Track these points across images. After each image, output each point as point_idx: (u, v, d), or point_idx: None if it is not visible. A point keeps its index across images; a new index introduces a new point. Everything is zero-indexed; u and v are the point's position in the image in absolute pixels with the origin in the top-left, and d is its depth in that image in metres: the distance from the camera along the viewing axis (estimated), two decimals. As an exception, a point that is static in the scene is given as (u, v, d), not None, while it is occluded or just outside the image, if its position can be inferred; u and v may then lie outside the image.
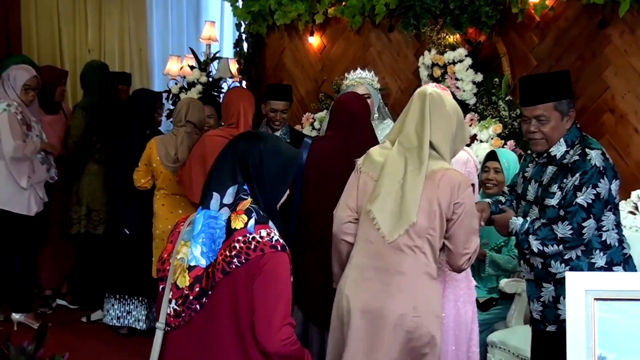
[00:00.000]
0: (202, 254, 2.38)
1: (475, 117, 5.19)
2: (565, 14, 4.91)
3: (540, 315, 3.28)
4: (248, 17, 7.21)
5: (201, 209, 2.44)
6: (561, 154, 3.17)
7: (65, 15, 8.58)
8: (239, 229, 2.37)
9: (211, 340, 2.39)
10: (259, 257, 2.34)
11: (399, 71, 6.08)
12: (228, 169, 2.48)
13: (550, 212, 3.14)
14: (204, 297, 2.36)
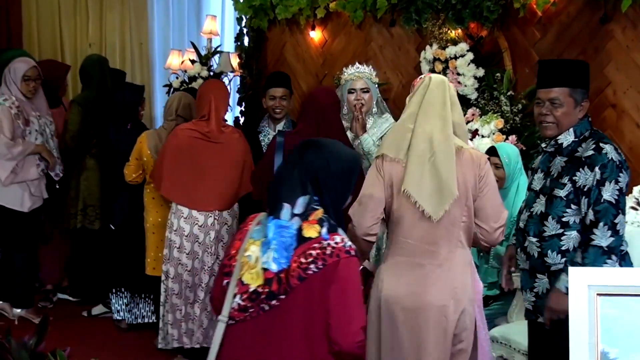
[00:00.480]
0: (273, 260, 2.48)
1: (477, 112, 5.18)
2: (567, 9, 4.90)
3: (533, 306, 3.29)
4: (249, 11, 7.19)
5: (272, 219, 2.53)
6: (568, 143, 3.16)
7: (66, 9, 8.58)
8: (313, 238, 2.47)
9: (277, 338, 2.49)
10: (335, 262, 2.44)
11: (400, 66, 6.07)
12: (297, 180, 2.55)
13: (557, 203, 3.13)
14: (274, 299, 2.46)
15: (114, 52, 8.79)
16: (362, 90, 4.61)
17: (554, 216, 3.15)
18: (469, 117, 5.18)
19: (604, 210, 3.00)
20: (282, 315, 2.47)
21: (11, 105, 5.40)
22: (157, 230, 5.22)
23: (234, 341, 2.54)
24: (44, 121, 5.66)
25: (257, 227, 2.58)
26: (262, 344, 2.50)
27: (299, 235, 2.49)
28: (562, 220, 3.13)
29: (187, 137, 4.74)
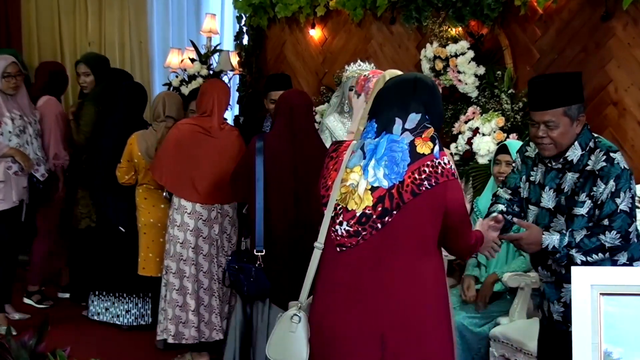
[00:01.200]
0: (384, 176, 2.55)
1: (478, 110, 5.17)
2: (568, 6, 4.89)
3: (562, 316, 3.18)
4: (249, 10, 7.19)
5: (384, 133, 2.60)
6: (578, 158, 3.06)
7: (65, 7, 8.56)
8: (427, 155, 2.57)
9: (389, 254, 2.57)
10: (445, 182, 2.56)
11: (401, 64, 6.05)
12: (407, 99, 2.64)
13: (579, 221, 3.03)
14: (387, 216, 2.54)
15: (113, 51, 8.77)
16: None
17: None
18: (470, 115, 5.17)
19: (620, 219, 2.95)
20: (395, 232, 2.56)
21: None
22: (148, 230, 5.28)
23: (344, 267, 2.62)
24: (23, 121, 5.47)
25: (352, 156, 2.65)
26: (373, 263, 2.58)
27: (412, 151, 2.57)
28: None
29: (189, 131, 4.79)
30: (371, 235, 2.57)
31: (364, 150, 2.63)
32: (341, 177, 2.64)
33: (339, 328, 2.62)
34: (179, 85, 7.23)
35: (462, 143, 5.12)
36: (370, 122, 2.67)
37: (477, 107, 5.19)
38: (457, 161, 5.15)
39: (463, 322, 4.17)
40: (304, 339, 2.68)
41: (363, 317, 2.58)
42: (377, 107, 2.70)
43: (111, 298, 5.68)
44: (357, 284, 2.60)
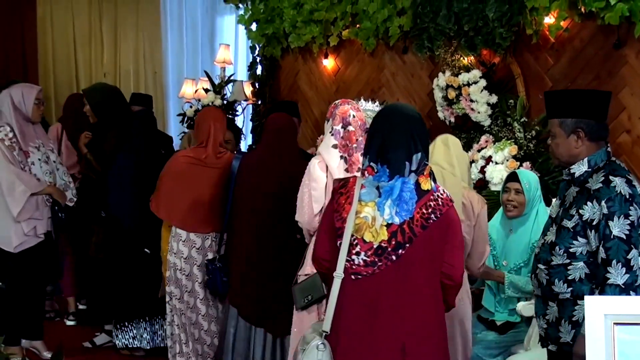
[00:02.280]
0: (396, 214, 2.80)
1: (490, 138, 5.17)
2: (580, 34, 4.90)
3: (544, 333, 3.24)
4: (262, 40, 7.24)
5: (398, 177, 2.82)
6: (580, 173, 3.11)
7: (81, 38, 8.67)
8: (429, 190, 2.84)
9: (405, 283, 2.81)
10: (446, 211, 2.84)
11: (414, 93, 6.08)
12: (409, 140, 2.86)
13: (564, 233, 3.09)
14: (401, 249, 2.78)
15: (128, 81, 8.86)
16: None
17: (561, 247, 3.10)
18: (482, 143, 5.17)
19: (615, 246, 2.92)
20: (407, 263, 2.80)
21: (4, 137, 5.13)
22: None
23: (360, 294, 2.82)
24: (45, 149, 5.40)
25: (362, 190, 2.86)
26: (388, 290, 2.80)
27: (417, 189, 2.82)
28: (570, 251, 3.08)
29: (184, 163, 4.84)
30: (386, 266, 2.79)
31: (379, 190, 2.83)
32: (355, 210, 2.84)
33: (362, 346, 2.82)
34: (193, 115, 7.26)
35: (475, 171, 5.11)
36: (382, 167, 2.85)
37: (489, 135, 5.19)
38: (470, 190, 5.15)
39: (478, 353, 4.13)
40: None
41: (384, 333, 2.81)
42: (385, 150, 2.87)
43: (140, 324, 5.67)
44: (374, 308, 2.81)
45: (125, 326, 5.61)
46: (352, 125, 3.89)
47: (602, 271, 2.95)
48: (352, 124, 3.89)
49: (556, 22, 4.90)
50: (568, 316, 3.10)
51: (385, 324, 2.81)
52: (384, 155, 2.87)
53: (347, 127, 3.90)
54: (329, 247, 2.94)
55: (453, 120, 5.45)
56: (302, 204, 3.84)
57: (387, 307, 2.80)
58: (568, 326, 3.10)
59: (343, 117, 3.92)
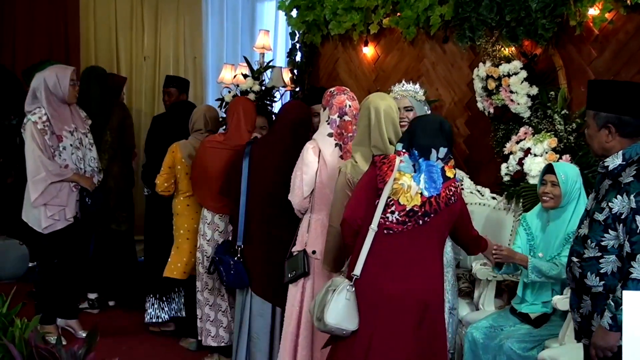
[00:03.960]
0: (425, 188, 3.43)
1: (530, 130, 5.12)
2: (625, 27, 4.82)
3: (578, 327, 3.26)
4: (302, 27, 7.23)
5: (423, 160, 3.47)
6: (614, 166, 3.09)
7: (122, 22, 8.74)
8: (452, 177, 3.50)
9: (423, 247, 3.44)
10: (459, 197, 3.54)
11: (453, 83, 6.04)
12: (436, 134, 3.52)
13: (596, 227, 3.09)
14: (427, 217, 3.41)
15: (168, 66, 8.92)
16: (406, 108, 4.60)
17: (593, 240, 3.10)
18: (522, 135, 5.12)
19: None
20: (429, 228, 3.43)
21: (37, 120, 5.24)
22: (191, 236, 5.45)
23: (388, 247, 3.40)
24: (79, 132, 5.51)
25: (402, 163, 3.46)
26: (411, 247, 3.41)
27: (443, 174, 3.47)
28: (601, 245, 3.07)
29: (206, 147, 5.17)
30: (414, 227, 3.41)
31: (415, 167, 3.47)
32: (394, 176, 3.43)
33: (386, 291, 3.37)
34: (231, 100, 7.28)
35: (513, 163, 5.07)
36: (412, 151, 3.49)
37: (529, 127, 5.14)
38: (508, 181, 5.11)
39: (512, 346, 4.10)
40: (355, 304, 3.35)
41: (408, 285, 3.39)
42: (414, 138, 3.52)
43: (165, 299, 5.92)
44: (398, 260, 3.41)
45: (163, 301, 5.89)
46: (348, 115, 4.16)
47: (627, 265, 2.94)
48: (347, 113, 4.18)
49: (601, 14, 4.83)
50: (601, 310, 3.08)
51: (409, 278, 3.39)
52: (414, 143, 3.50)
53: (343, 116, 4.18)
54: (365, 207, 3.47)
55: (492, 111, 5.41)
56: (294, 186, 4.19)
57: (409, 261, 3.40)
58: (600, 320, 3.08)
59: (340, 107, 4.20)
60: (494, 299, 4.75)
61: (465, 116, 5.94)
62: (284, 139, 4.63)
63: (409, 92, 4.63)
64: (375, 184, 3.46)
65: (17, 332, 2.38)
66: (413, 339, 3.37)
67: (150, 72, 9.00)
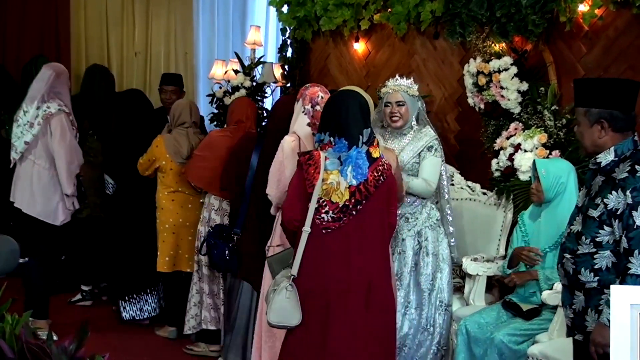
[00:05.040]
0: (354, 177, 3.52)
1: (520, 126, 5.13)
2: (614, 23, 4.84)
3: (571, 323, 3.27)
4: (293, 23, 7.22)
5: (355, 148, 3.54)
6: (607, 162, 3.12)
7: (113, 18, 8.71)
8: (378, 157, 3.59)
9: (363, 233, 3.55)
10: (390, 173, 3.64)
11: (444, 79, 6.05)
12: (359, 117, 3.60)
13: (590, 223, 3.11)
14: (359, 205, 3.52)
15: (159, 61, 8.90)
16: (398, 103, 4.63)
17: (587, 236, 3.11)
18: (512, 131, 5.14)
19: (638, 236, 2.94)
20: (365, 214, 3.54)
21: (69, 110, 5.50)
22: (177, 230, 5.55)
23: (328, 244, 3.53)
24: None
25: (327, 161, 3.53)
26: (352, 238, 3.53)
27: (369, 156, 3.56)
28: (596, 241, 3.09)
29: (219, 137, 5.36)
30: (349, 219, 3.52)
31: (341, 160, 3.54)
32: (322, 177, 3.51)
33: (329, 278, 3.52)
34: (222, 96, 7.28)
35: (504, 159, 5.09)
36: (340, 140, 3.56)
37: (519, 123, 5.15)
38: (498, 177, 5.12)
39: (503, 339, 4.13)
40: (298, 303, 3.48)
41: (354, 270, 3.54)
42: (342, 126, 3.58)
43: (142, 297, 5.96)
44: (344, 252, 3.54)
45: (133, 298, 5.92)
46: (320, 105, 4.22)
47: (624, 261, 2.96)
48: (320, 103, 4.25)
49: (590, 10, 4.85)
50: (595, 305, 3.10)
51: (357, 264, 3.54)
52: (343, 131, 3.56)
53: (315, 106, 4.28)
54: (300, 209, 3.57)
55: (483, 107, 5.42)
56: (273, 179, 4.21)
57: (353, 251, 3.53)
58: (595, 315, 3.10)
59: (312, 98, 4.31)
60: (484, 294, 4.77)
61: (456, 112, 5.95)
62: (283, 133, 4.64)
63: (402, 87, 4.65)
64: (305, 187, 3.56)
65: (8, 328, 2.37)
66: (364, 320, 3.56)
67: (142, 67, 8.97)
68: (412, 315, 4.54)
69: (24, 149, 5.37)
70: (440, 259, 4.61)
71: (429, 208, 4.66)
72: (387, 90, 4.70)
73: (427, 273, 4.57)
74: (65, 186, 5.40)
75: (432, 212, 4.66)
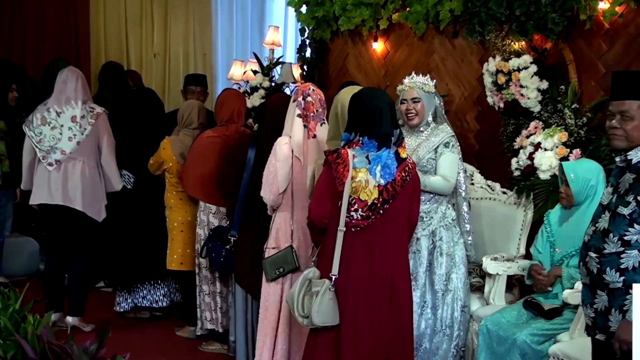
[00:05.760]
0: (382, 177, 3.61)
1: (540, 124, 5.10)
2: (635, 20, 4.80)
3: (592, 322, 3.22)
4: (312, 23, 7.23)
5: (385, 149, 3.63)
6: (638, 160, 3.07)
7: (132, 19, 8.77)
8: (405, 158, 3.71)
9: (388, 231, 3.66)
10: (415, 173, 3.80)
11: (463, 78, 6.03)
12: (389, 118, 3.67)
13: (619, 220, 3.06)
14: (387, 204, 3.63)
15: (177, 62, 8.95)
16: (413, 100, 4.61)
17: (615, 234, 3.07)
18: (532, 129, 5.11)
19: None
20: (391, 213, 3.65)
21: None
22: (185, 228, 5.60)
23: (357, 242, 3.62)
24: None
25: (355, 159, 3.61)
26: (379, 235, 3.64)
27: (397, 157, 3.66)
28: (624, 239, 3.05)
29: (210, 142, 5.29)
30: (376, 217, 3.62)
31: (369, 159, 3.62)
32: (350, 176, 3.58)
33: (361, 279, 3.62)
34: (241, 96, 7.30)
35: (524, 158, 5.06)
36: (371, 140, 3.63)
37: (539, 121, 5.13)
38: (518, 176, 5.10)
39: (525, 339, 4.10)
40: (336, 302, 3.57)
41: (377, 269, 3.64)
42: (374, 128, 3.64)
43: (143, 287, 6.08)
44: (370, 250, 3.63)
45: (131, 291, 6.03)
46: (311, 97, 4.37)
47: None
48: (310, 95, 4.38)
49: (611, 8, 4.81)
50: (619, 305, 3.06)
51: (380, 263, 3.64)
52: (375, 132, 3.63)
53: (306, 97, 4.37)
54: (330, 208, 3.65)
55: (502, 106, 5.40)
56: (268, 182, 4.33)
57: (379, 249, 3.63)
58: (619, 315, 3.06)
59: (303, 90, 4.42)
60: (504, 294, 4.75)
61: (475, 111, 5.93)
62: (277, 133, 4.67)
63: (417, 84, 4.64)
64: (335, 186, 3.62)
65: (30, 329, 2.39)
66: (387, 318, 3.68)
67: (160, 68, 9.03)
68: (428, 315, 4.52)
69: (73, 150, 5.46)
70: (455, 259, 4.58)
71: (444, 207, 4.63)
72: (403, 88, 4.69)
73: (441, 273, 4.55)
74: (116, 183, 5.68)
75: (447, 212, 4.63)
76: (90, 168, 5.53)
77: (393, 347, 3.71)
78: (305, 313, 3.58)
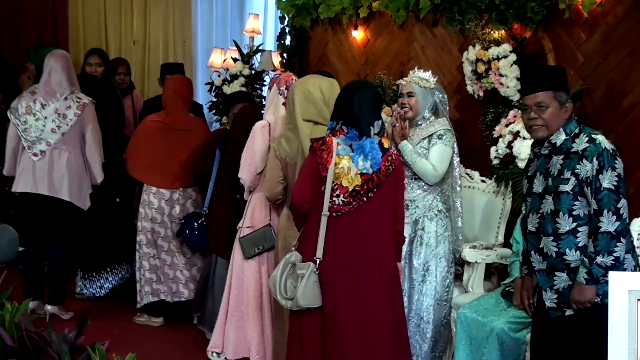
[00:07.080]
0: (370, 167, 3.66)
1: (519, 113, 5.12)
2: (614, 10, 4.82)
3: (556, 303, 3.41)
4: (292, 10, 7.21)
5: (366, 138, 3.67)
6: (561, 142, 3.35)
7: (111, 6, 8.71)
8: (388, 148, 3.75)
9: (373, 218, 3.72)
10: (399, 163, 3.84)
11: (443, 66, 6.04)
12: (371, 109, 3.74)
13: (564, 198, 3.30)
14: (370, 192, 3.68)
15: (157, 50, 8.90)
16: (408, 94, 4.67)
17: (564, 211, 3.31)
18: (511, 118, 5.13)
19: (606, 197, 3.19)
20: (375, 201, 3.70)
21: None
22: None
23: (339, 227, 3.67)
24: None
25: (339, 147, 3.67)
26: (363, 225, 3.69)
27: (381, 147, 3.70)
28: (573, 214, 3.29)
29: (153, 126, 5.56)
30: (359, 204, 3.68)
31: (352, 147, 3.67)
32: (333, 162, 3.64)
33: (347, 263, 3.68)
34: (220, 84, 7.28)
35: (503, 146, 5.08)
36: (351, 130, 3.69)
37: (518, 110, 5.14)
38: (497, 164, 5.12)
39: (503, 327, 4.12)
40: (319, 284, 3.63)
41: (366, 254, 3.71)
42: (353, 118, 3.70)
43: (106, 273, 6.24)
44: (351, 235, 3.69)
45: (93, 276, 6.16)
46: None
47: (595, 221, 3.21)
48: None
49: (590, -3, 4.84)
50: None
51: (366, 247, 3.71)
52: (354, 121, 3.70)
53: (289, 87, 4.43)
54: (312, 192, 3.72)
55: (482, 95, 5.41)
56: (246, 163, 4.53)
57: (364, 235, 3.70)
58: None
59: (286, 80, 4.61)
60: (483, 282, 4.78)
61: (455, 100, 5.94)
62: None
63: (414, 79, 4.69)
64: (319, 172, 3.68)
65: (8, 316, 2.38)
66: (386, 296, 3.76)
67: (140, 56, 8.97)
68: (405, 302, 4.55)
69: (58, 140, 5.44)
70: (437, 252, 4.60)
71: (431, 198, 4.65)
72: (401, 82, 4.75)
73: (419, 263, 4.58)
74: (98, 174, 5.65)
75: (433, 203, 4.65)
76: (77, 157, 5.52)
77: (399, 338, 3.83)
78: (289, 295, 3.65)
